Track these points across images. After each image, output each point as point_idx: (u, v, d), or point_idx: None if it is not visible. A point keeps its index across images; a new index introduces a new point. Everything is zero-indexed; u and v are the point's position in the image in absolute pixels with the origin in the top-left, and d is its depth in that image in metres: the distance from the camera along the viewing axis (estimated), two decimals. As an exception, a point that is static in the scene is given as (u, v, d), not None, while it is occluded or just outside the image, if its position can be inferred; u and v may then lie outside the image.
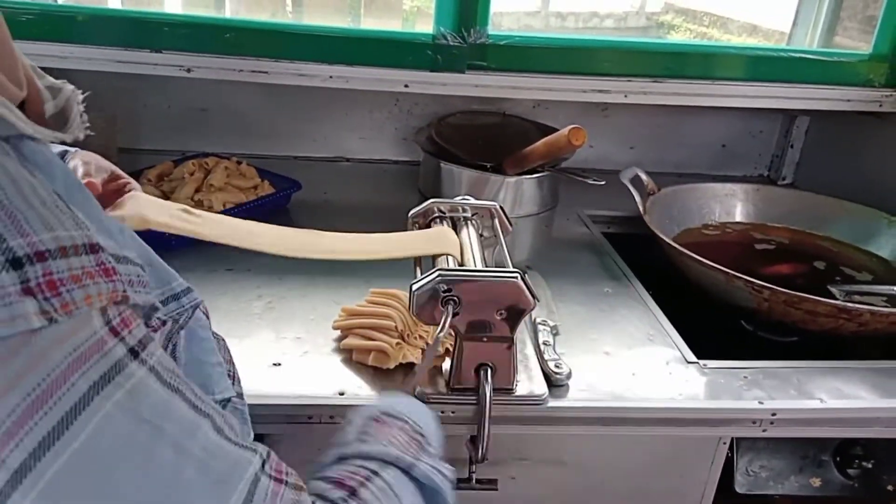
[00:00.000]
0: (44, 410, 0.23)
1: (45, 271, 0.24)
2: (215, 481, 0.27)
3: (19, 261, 0.23)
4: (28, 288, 0.23)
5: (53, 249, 0.24)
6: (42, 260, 0.24)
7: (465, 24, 0.96)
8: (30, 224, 0.24)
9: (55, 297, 0.24)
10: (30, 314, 0.23)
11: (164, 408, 0.26)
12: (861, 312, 0.72)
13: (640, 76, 1.01)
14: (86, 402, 0.24)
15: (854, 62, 1.06)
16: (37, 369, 0.23)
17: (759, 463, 0.70)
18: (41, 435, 0.23)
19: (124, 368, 0.25)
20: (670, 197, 0.99)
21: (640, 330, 0.76)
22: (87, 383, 0.24)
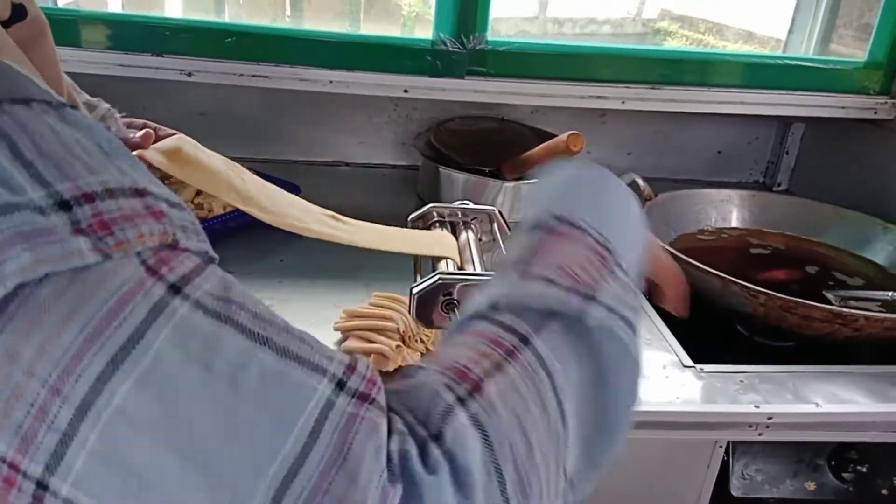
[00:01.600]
0: (98, 345, 0.23)
1: (95, 211, 0.24)
2: (274, 412, 0.25)
3: (67, 203, 0.23)
4: (80, 228, 0.23)
5: (100, 191, 0.24)
6: (90, 201, 0.24)
7: (464, 31, 0.97)
8: (75, 170, 0.24)
9: (108, 235, 0.24)
10: (84, 250, 0.23)
11: (212, 342, 0.25)
12: (856, 318, 0.73)
13: (638, 83, 1.02)
14: (138, 336, 0.23)
15: (849, 70, 1.07)
16: (88, 304, 0.23)
17: (755, 466, 0.70)
18: (98, 369, 0.23)
19: (168, 305, 0.24)
20: (667, 202, 1.00)
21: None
22: (137, 318, 0.23)
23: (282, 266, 0.84)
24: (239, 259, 0.83)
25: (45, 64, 0.34)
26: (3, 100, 0.24)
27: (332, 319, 0.70)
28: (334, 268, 0.84)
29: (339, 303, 0.74)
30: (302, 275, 0.81)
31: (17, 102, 0.25)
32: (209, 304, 0.25)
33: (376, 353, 0.64)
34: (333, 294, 0.77)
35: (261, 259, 0.85)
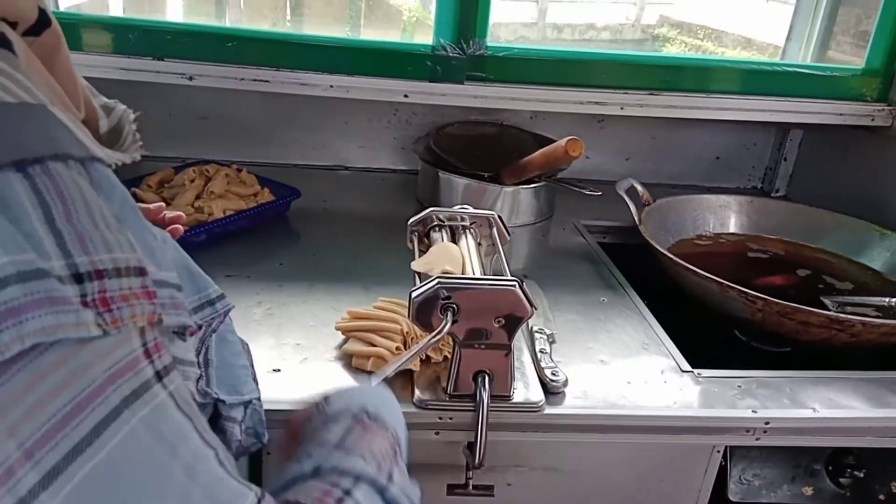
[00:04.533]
0: (80, 417, 0.24)
1: (101, 289, 0.26)
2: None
3: (80, 276, 0.26)
4: (85, 301, 0.25)
5: (110, 269, 0.27)
6: (100, 278, 0.26)
7: (464, 36, 0.97)
8: (94, 244, 0.26)
9: (107, 312, 0.26)
10: (90, 323, 0.25)
11: (180, 431, 0.28)
12: (853, 323, 0.73)
13: (636, 89, 1.02)
14: (116, 413, 0.25)
15: (847, 77, 1.08)
16: (81, 378, 0.25)
17: (753, 471, 0.71)
18: (75, 440, 0.24)
19: (151, 388, 0.27)
20: (665, 208, 1.00)
21: (636, 339, 0.76)
22: (119, 397, 0.26)
23: (281, 269, 0.84)
24: (239, 262, 0.83)
25: (64, 74, 0.35)
26: (46, 157, 0.26)
27: (330, 322, 0.70)
28: (333, 271, 0.84)
29: (337, 306, 0.74)
30: (301, 278, 0.82)
31: (58, 160, 0.27)
32: (179, 400, 0.28)
33: (375, 356, 0.64)
34: (332, 297, 0.77)
35: (260, 262, 0.85)
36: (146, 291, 0.28)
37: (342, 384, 0.50)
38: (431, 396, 0.62)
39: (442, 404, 0.61)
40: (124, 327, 0.26)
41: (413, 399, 0.62)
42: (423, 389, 0.62)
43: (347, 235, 0.95)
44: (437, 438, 0.62)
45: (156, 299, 0.29)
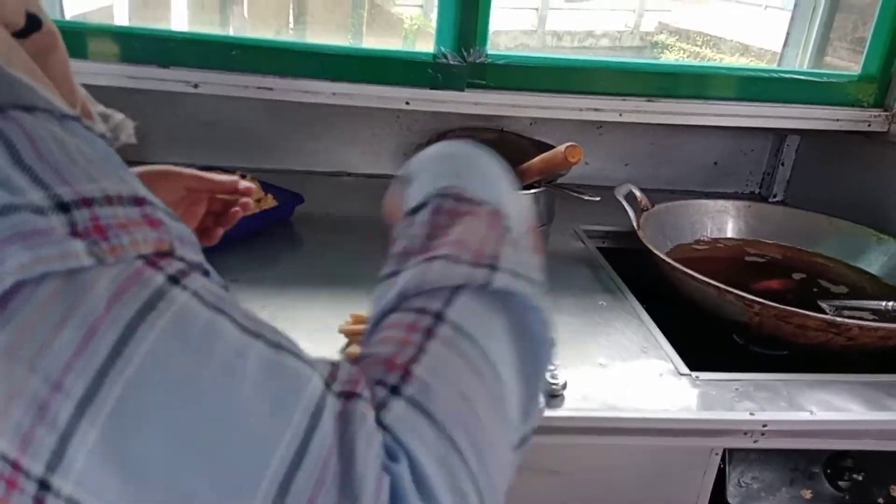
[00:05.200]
0: (95, 341, 0.23)
1: (93, 216, 0.24)
2: (274, 399, 0.25)
3: (66, 205, 0.24)
4: (76, 231, 0.24)
5: (99, 198, 0.25)
6: (88, 206, 0.24)
7: (464, 44, 0.98)
8: (74, 176, 0.25)
9: (103, 239, 0.24)
10: (80, 253, 0.23)
11: (211, 330, 0.25)
12: (850, 327, 0.74)
13: (635, 95, 1.04)
14: (130, 331, 0.23)
15: (843, 83, 1.09)
16: (85, 301, 0.23)
17: (751, 475, 0.71)
18: (97, 364, 0.23)
19: (165, 294, 0.24)
20: (663, 213, 1.01)
21: (634, 342, 0.77)
22: (129, 312, 0.24)
23: (284, 273, 0.85)
24: (241, 267, 0.84)
25: (58, 76, 0.34)
26: (6, 105, 0.25)
27: (334, 326, 0.71)
28: (336, 275, 0.85)
29: (341, 311, 0.75)
30: (304, 282, 0.82)
31: (21, 109, 0.25)
32: (206, 297, 0.26)
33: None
34: (335, 301, 0.78)
35: (263, 267, 0.86)
36: (148, 220, 0.26)
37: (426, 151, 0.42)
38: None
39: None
40: (125, 254, 0.24)
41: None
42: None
43: (350, 241, 0.96)
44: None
45: (161, 227, 0.26)
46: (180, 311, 0.25)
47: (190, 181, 0.63)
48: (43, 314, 0.22)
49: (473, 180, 0.40)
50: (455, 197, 0.38)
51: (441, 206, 0.38)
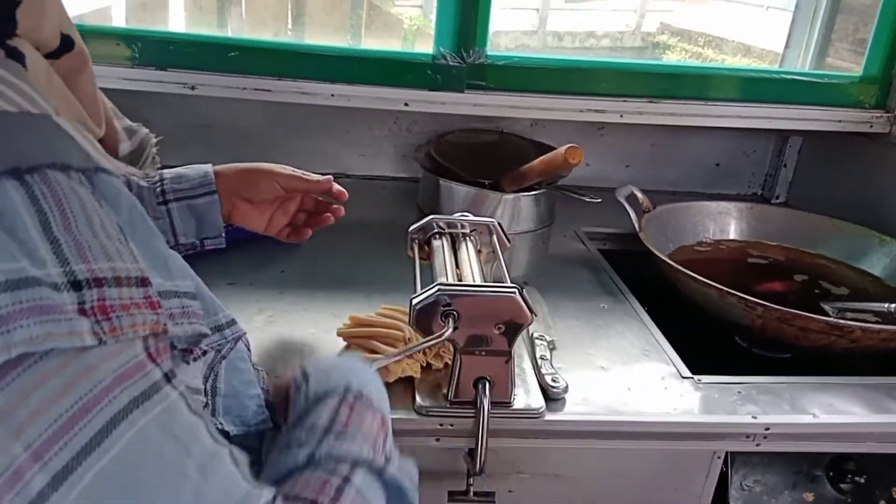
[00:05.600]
0: (88, 418, 0.24)
1: (100, 297, 0.26)
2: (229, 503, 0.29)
3: (79, 283, 0.25)
4: (83, 309, 0.25)
5: (109, 278, 0.27)
6: (99, 286, 0.26)
7: (464, 45, 0.98)
8: (92, 252, 0.26)
9: (105, 320, 0.26)
10: (84, 332, 0.25)
11: (191, 431, 0.28)
12: (852, 329, 0.73)
13: (636, 97, 1.03)
14: (125, 413, 0.25)
15: (845, 84, 1.08)
16: (86, 380, 0.25)
17: (754, 478, 0.71)
18: (84, 440, 0.24)
19: (160, 389, 0.27)
20: (665, 215, 1.00)
21: (636, 345, 0.77)
22: (127, 397, 0.26)
23: (283, 277, 0.84)
24: (240, 270, 0.84)
25: (86, 95, 0.36)
26: (45, 164, 0.26)
27: (332, 329, 0.71)
28: (335, 278, 0.85)
29: (339, 313, 0.74)
30: (303, 285, 0.82)
31: (58, 168, 0.26)
32: (189, 401, 0.29)
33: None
34: (334, 305, 0.78)
35: (262, 270, 0.85)
36: (149, 301, 0.28)
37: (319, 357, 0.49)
38: (432, 403, 0.62)
39: (443, 411, 0.61)
40: (123, 336, 0.26)
41: (414, 406, 0.62)
42: (424, 396, 0.63)
43: (349, 243, 0.95)
44: (437, 445, 0.63)
45: (160, 310, 0.28)
46: (170, 407, 0.27)
47: (287, 181, 0.68)
48: (40, 385, 0.24)
49: (365, 382, 0.47)
50: (356, 394, 0.45)
51: (346, 398, 0.44)
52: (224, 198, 0.65)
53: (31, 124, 0.27)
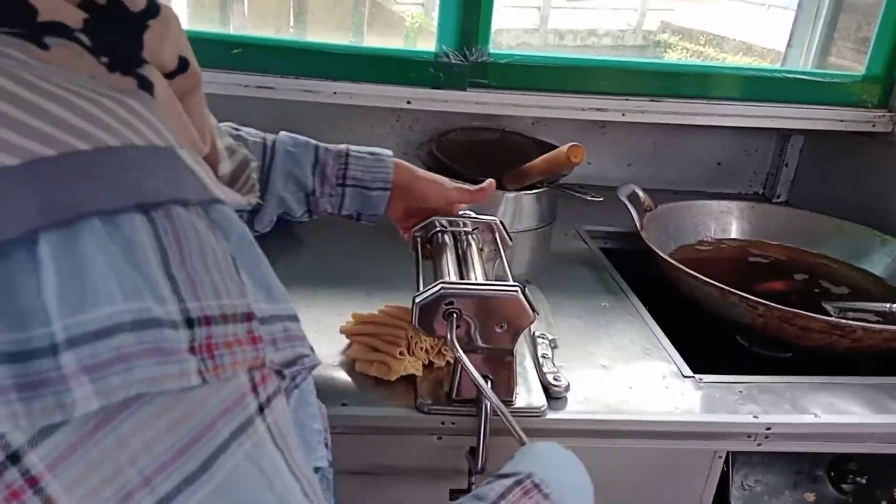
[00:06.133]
0: (194, 450, 0.25)
1: (208, 335, 0.26)
2: None
3: (191, 321, 0.26)
4: (192, 347, 0.26)
5: (217, 316, 0.27)
6: (207, 324, 0.26)
7: (466, 43, 0.98)
8: (204, 289, 0.27)
9: (210, 358, 0.26)
10: (192, 373, 0.25)
11: (275, 465, 0.28)
12: (854, 329, 0.73)
13: (638, 95, 1.03)
14: (225, 447, 0.26)
15: (847, 83, 1.08)
16: (195, 415, 0.26)
17: (755, 477, 0.71)
18: (187, 472, 0.25)
19: (253, 422, 0.28)
20: (667, 213, 1.00)
21: (637, 344, 0.77)
22: (228, 430, 0.26)
23: (285, 274, 0.84)
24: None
25: (196, 115, 0.36)
26: (168, 201, 0.26)
27: (334, 328, 0.71)
28: (337, 276, 0.85)
29: (341, 311, 0.74)
30: (305, 283, 0.82)
31: (179, 203, 0.27)
32: (275, 433, 0.29)
33: (378, 362, 0.64)
34: (336, 302, 0.78)
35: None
36: (251, 337, 0.28)
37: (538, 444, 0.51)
38: (434, 401, 0.62)
39: (444, 409, 0.62)
40: (224, 374, 0.27)
41: (416, 404, 0.62)
42: (426, 394, 0.63)
43: (351, 241, 0.95)
44: (439, 443, 0.63)
45: (260, 344, 0.29)
46: (259, 441, 0.28)
47: (452, 193, 0.71)
48: (154, 420, 0.25)
49: (559, 475, 0.49)
50: (537, 482, 0.46)
51: (524, 483, 0.45)
52: (393, 198, 0.69)
53: (157, 158, 0.27)
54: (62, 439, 0.23)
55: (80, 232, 0.24)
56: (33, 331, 0.23)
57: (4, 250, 0.23)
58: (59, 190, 0.24)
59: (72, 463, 0.23)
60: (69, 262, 0.23)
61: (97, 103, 0.26)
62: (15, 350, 0.23)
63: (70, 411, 0.23)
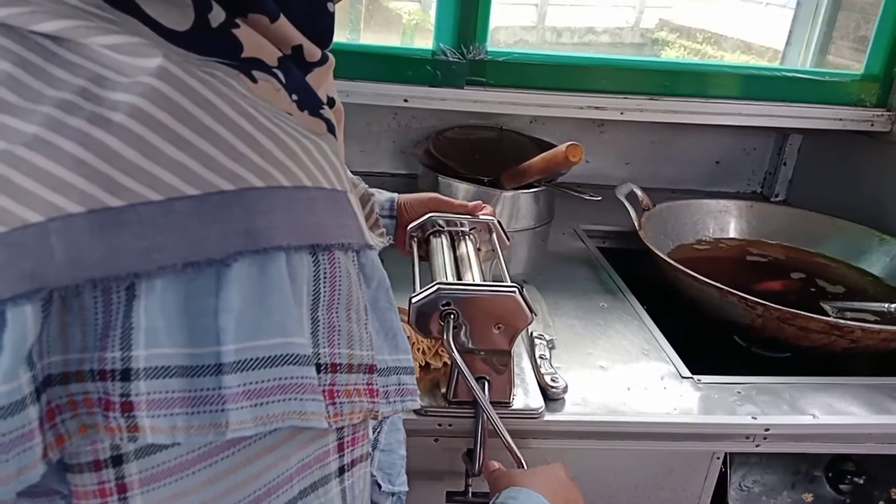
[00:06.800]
0: (286, 487, 0.26)
1: (332, 381, 0.27)
2: None
3: (319, 367, 0.26)
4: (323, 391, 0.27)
5: (344, 364, 0.27)
6: (334, 371, 0.27)
7: (464, 41, 0.97)
8: (339, 337, 0.27)
9: (331, 405, 0.27)
10: (323, 414, 0.26)
11: None
12: (852, 329, 0.73)
13: (636, 94, 1.03)
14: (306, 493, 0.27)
15: (846, 82, 1.08)
16: (279, 466, 0.26)
17: (753, 478, 0.71)
18: None
19: (328, 482, 0.28)
20: (665, 213, 1.00)
21: (635, 344, 0.76)
22: (300, 487, 0.27)
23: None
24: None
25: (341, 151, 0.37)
26: (335, 245, 0.27)
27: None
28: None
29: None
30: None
31: (342, 249, 0.28)
32: (348, 496, 0.29)
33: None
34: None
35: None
36: (369, 388, 0.29)
37: None
38: (431, 403, 0.61)
39: (441, 411, 0.61)
40: (341, 422, 0.27)
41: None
42: (423, 396, 0.62)
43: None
44: (436, 445, 0.62)
45: (377, 397, 0.29)
46: (328, 501, 0.28)
47: (452, 208, 0.70)
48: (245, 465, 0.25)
49: None
50: None
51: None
52: (400, 226, 0.69)
53: (336, 201, 0.28)
54: (163, 460, 0.24)
55: (269, 262, 0.24)
56: (205, 348, 0.23)
57: (200, 268, 0.23)
58: (262, 219, 0.24)
59: (163, 485, 0.24)
60: (254, 289, 0.24)
61: (298, 141, 0.27)
62: (189, 364, 0.23)
63: (223, 432, 0.23)
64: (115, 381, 0.22)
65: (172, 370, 0.23)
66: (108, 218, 0.22)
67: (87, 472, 0.23)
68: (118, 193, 0.22)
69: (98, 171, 0.22)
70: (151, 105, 0.23)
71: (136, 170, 0.23)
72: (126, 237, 0.22)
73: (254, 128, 0.26)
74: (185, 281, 0.23)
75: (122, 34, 0.24)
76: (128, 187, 0.22)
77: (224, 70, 0.27)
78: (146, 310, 0.22)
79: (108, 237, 0.22)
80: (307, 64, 0.32)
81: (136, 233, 0.22)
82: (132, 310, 0.22)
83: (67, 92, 0.23)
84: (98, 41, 0.24)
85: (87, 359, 0.22)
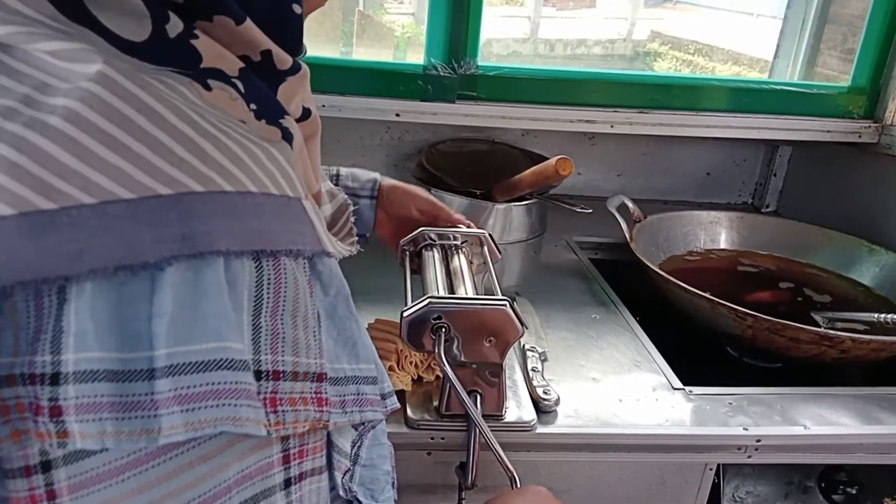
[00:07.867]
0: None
1: (273, 389, 0.26)
2: None
3: (260, 374, 0.26)
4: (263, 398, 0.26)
5: (288, 372, 0.27)
6: (276, 379, 0.27)
7: (455, 56, 0.98)
8: (283, 344, 0.27)
9: (272, 413, 0.26)
10: (262, 421, 0.26)
11: None
12: (843, 339, 0.73)
13: (626, 107, 1.04)
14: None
15: (834, 94, 1.09)
16: (216, 476, 0.26)
17: (746, 489, 0.71)
18: None
19: (272, 496, 0.27)
20: (656, 224, 1.01)
21: (627, 356, 0.77)
22: (240, 499, 0.26)
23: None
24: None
25: (313, 158, 0.37)
26: (282, 251, 0.27)
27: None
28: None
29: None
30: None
31: (291, 255, 0.27)
32: None
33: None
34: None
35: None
36: (317, 397, 0.28)
37: None
38: (423, 416, 0.62)
39: (434, 424, 0.61)
40: (283, 430, 0.27)
41: (405, 419, 0.62)
42: (415, 409, 0.62)
43: (340, 253, 0.95)
44: (429, 459, 0.62)
45: (325, 406, 0.29)
46: None
47: (423, 203, 0.72)
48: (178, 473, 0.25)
49: None
50: None
51: None
52: (381, 208, 0.71)
53: (286, 208, 0.28)
54: (91, 466, 0.23)
55: (206, 267, 0.24)
56: (136, 353, 0.23)
57: (133, 271, 0.23)
58: (200, 224, 0.24)
59: (92, 492, 0.23)
60: (189, 294, 0.24)
61: (244, 147, 0.27)
62: (119, 369, 0.23)
63: (155, 437, 0.23)
64: (45, 385, 0.22)
65: (101, 374, 0.22)
66: (40, 220, 0.22)
67: (19, 478, 0.23)
68: (51, 196, 0.22)
69: (31, 174, 0.22)
70: (88, 109, 0.23)
71: (69, 173, 0.22)
72: (57, 239, 0.22)
73: (196, 133, 0.26)
74: (116, 285, 0.23)
75: (64, 40, 0.24)
76: (61, 190, 0.22)
77: (176, 78, 0.27)
78: (76, 313, 0.22)
79: (39, 239, 0.22)
80: (278, 72, 0.32)
81: (68, 235, 0.22)
82: (63, 313, 0.22)
83: (11, 99, 0.23)
84: (40, 47, 0.24)
85: (18, 363, 0.22)
